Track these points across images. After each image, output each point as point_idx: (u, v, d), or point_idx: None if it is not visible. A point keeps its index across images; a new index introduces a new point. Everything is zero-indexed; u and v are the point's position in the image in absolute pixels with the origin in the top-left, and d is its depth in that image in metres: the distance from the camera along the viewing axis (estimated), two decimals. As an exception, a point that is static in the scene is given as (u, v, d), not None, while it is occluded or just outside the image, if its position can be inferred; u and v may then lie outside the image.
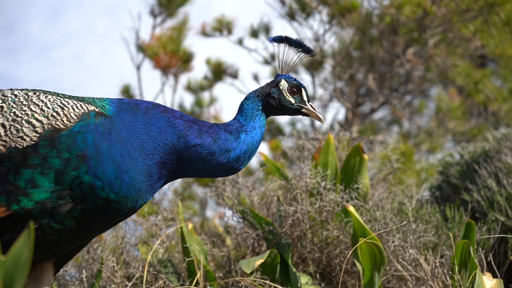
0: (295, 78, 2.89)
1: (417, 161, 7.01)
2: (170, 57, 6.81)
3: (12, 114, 2.46)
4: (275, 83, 2.86)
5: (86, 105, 2.57)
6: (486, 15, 7.07)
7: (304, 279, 3.77)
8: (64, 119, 2.49)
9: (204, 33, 7.00)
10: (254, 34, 6.78)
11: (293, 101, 2.85)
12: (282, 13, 6.76)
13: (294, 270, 3.75)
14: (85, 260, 3.91)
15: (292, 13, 6.71)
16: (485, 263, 3.60)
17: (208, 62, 7.32)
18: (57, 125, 2.47)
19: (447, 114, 8.81)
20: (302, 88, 2.86)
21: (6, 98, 2.51)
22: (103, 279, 3.71)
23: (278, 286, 3.49)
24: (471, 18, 7.13)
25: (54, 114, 2.49)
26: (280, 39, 2.86)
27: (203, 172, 2.74)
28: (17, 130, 2.43)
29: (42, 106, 2.51)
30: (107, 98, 2.69)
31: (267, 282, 3.52)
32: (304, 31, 7.30)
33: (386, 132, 9.15)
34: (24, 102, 2.50)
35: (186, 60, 6.92)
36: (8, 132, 2.43)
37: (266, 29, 6.78)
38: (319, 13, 6.51)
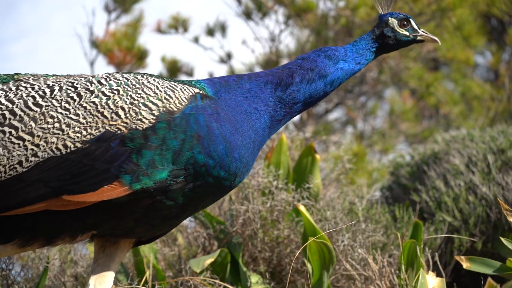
0: (399, 12, 2.98)
1: (369, 162, 7.11)
2: (124, 54, 6.74)
3: (129, 97, 2.57)
4: (384, 24, 2.93)
5: (191, 87, 2.69)
6: (439, 20, 7.22)
7: (254, 278, 3.78)
8: (176, 102, 2.60)
9: (160, 30, 6.95)
10: (210, 32, 6.77)
11: (407, 33, 2.92)
12: (238, 12, 6.77)
13: (245, 269, 3.75)
14: (31, 259, 3.83)
15: (248, 12, 6.72)
16: (431, 263, 3.67)
17: (163, 59, 7.27)
18: (171, 107, 2.58)
19: (400, 116, 8.96)
20: (410, 19, 2.95)
21: (119, 81, 2.62)
22: (49, 279, 3.64)
23: (227, 285, 3.48)
24: (425, 22, 7.26)
25: (167, 97, 2.60)
26: None
27: (309, 101, 2.82)
28: (136, 113, 2.54)
29: (154, 89, 2.61)
30: (199, 80, 2.80)
31: (217, 281, 3.52)
32: (261, 31, 7.32)
33: (340, 132, 9.25)
34: (137, 86, 2.61)
35: (140, 57, 6.85)
36: (128, 115, 2.53)
37: (222, 27, 6.78)
38: (275, 13, 6.53)
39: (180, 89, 2.65)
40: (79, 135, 2.50)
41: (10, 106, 2.56)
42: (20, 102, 2.56)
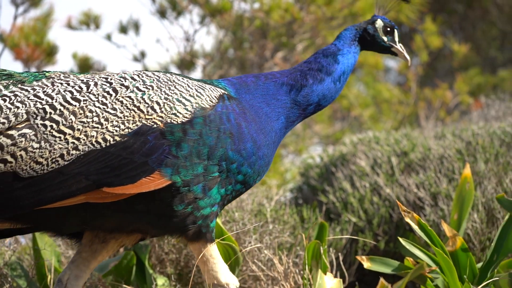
0: (390, 20, 3.16)
1: (282, 163, 7.20)
2: (32, 49, 6.50)
3: (163, 92, 2.66)
4: (371, 21, 3.11)
5: (218, 88, 2.81)
6: (350, 24, 7.39)
7: (160, 280, 3.74)
8: (208, 99, 2.72)
9: (70, 26, 6.75)
10: (123, 30, 6.65)
11: (385, 39, 3.10)
12: (152, 10, 6.68)
13: (151, 271, 3.71)
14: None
15: (162, 11, 6.64)
16: (335, 263, 3.76)
17: (74, 56, 7.07)
18: (203, 104, 2.69)
19: (314, 117, 9.12)
20: (395, 29, 3.14)
21: (151, 78, 2.71)
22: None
23: (132, 288, 3.43)
24: (337, 26, 7.43)
25: (198, 94, 2.71)
26: None
27: (323, 101, 2.99)
28: (170, 108, 2.64)
29: (185, 86, 2.72)
30: (218, 80, 2.91)
31: (122, 284, 3.46)
32: (175, 30, 7.26)
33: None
34: (169, 82, 2.71)
35: (50, 53, 6.63)
36: (163, 109, 2.62)
37: (136, 25, 6.67)
38: (190, 13, 6.50)
39: (209, 88, 2.77)
40: (117, 129, 2.58)
41: (50, 100, 2.60)
42: (58, 97, 2.61)
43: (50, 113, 2.59)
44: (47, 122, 2.57)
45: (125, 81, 2.69)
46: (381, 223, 4.40)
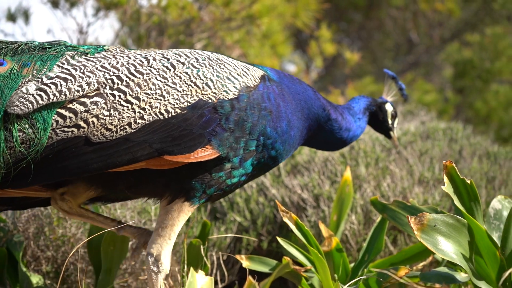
0: (394, 107, 3.55)
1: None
2: None
3: (215, 70, 2.85)
4: (383, 103, 3.51)
5: (259, 69, 3.00)
6: (249, 26, 7.47)
7: (35, 279, 3.60)
8: (252, 79, 2.91)
9: (-46, 10, 6.38)
10: (12, 18, 6.35)
11: (390, 122, 3.50)
12: (44, 0, 6.44)
13: (25, 269, 3.56)
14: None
15: (55, 1, 6.41)
16: (216, 262, 3.78)
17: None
18: (248, 83, 2.88)
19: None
20: (397, 117, 3.55)
21: (203, 56, 2.89)
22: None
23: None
24: (236, 27, 7.48)
25: (244, 74, 2.90)
26: (392, 76, 3.55)
27: (326, 143, 3.31)
28: (222, 85, 2.82)
29: (233, 66, 2.91)
30: (260, 66, 3.08)
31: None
32: (68, 22, 7.03)
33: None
34: (219, 62, 2.90)
35: None
36: (216, 86, 2.81)
37: (26, 14, 6.39)
38: (83, 5, 6.31)
39: (252, 69, 2.96)
40: (178, 101, 2.75)
41: (116, 72, 2.76)
42: (123, 69, 2.77)
43: (118, 83, 2.74)
44: (116, 92, 2.72)
45: (181, 58, 2.86)
46: (265, 223, 4.47)
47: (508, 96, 11.36)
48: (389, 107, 3.51)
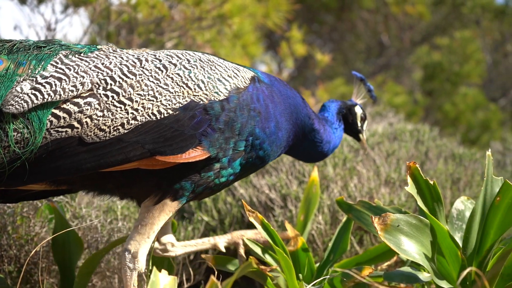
0: (364, 109, 3.58)
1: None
2: None
3: (206, 72, 2.88)
4: (353, 105, 3.54)
5: (250, 71, 3.05)
6: (220, 26, 7.46)
7: (-4, 278, 3.55)
8: (242, 80, 2.95)
9: None
10: (-23, 13, 6.24)
11: (359, 125, 3.54)
12: (12, -5, 6.34)
13: (-14, 269, 3.51)
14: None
15: (23, -3, 6.32)
16: (182, 262, 3.76)
17: None
18: (238, 84, 2.92)
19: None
20: (366, 120, 3.58)
21: (194, 57, 2.92)
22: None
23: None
24: (207, 27, 7.45)
25: (234, 75, 2.94)
26: (360, 78, 3.58)
27: (308, 154, 3.35)
28: (213, 86, 2.86)
29: (224, 67, 2.95)
30: (251, 68, 3.12)
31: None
32: (36, 18, 6.94)
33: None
34: (210, 63, 2.93)
35: None
36: (207, 87, 2.85)
37: (-8, 9, 6.29)
38: (51, 1, 6.24)
39: (243, 70, 3.00)
40: (170, 103, 2.78)
41: (110, 72, 2.78)
42: (116, 70, 2.79)
43: (111, 84, 2.76)
44: (109, 93, 2.75)
45: (172, 59, 2.88)
46: (232, 222, 4.47)
47: (476, 99, 11.54)
48: (358, 110, 3.55)
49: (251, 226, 4.53)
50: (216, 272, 3.52)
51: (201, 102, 2.83)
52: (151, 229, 2.95)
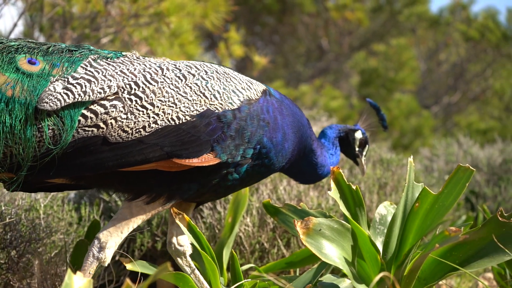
0: (367, 135, 3.70)
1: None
2: None
3: (222, 83, 3.04)
4: (353, 130, 3.69)
5: (262, 85, 3.22)
6: (157, 24, 7.37)
7: None
8: (254, 92, 3.12)
9: None
10: None
11: (357, 149, 3.68)
12: None
13: None
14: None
15: (-51, -15, 6.05)
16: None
17: None
18: (251, 96, 3.10)
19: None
20: (367, 145, 3.71)
21: (211, 69, 3.08)
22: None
23: None
24: (144, 24, 7.35)
25: (247, 87, 3.11)
26: (374, 106, 3.78)
27: (301, 174, 3.51)
28: (228, 97, 3.03)
29: (238, 80, 3.11)
30: (265, 84, 3.28)
31: None
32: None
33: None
34: (226, 75, 3.08)
35: None
36: (222, 98, 3.02)
37: None
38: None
39: (255, 83, 3.17)
40: (188, 110, 2.96)
41: (134, 78, 2.96)
42: (140, 76, 2.97)
43: (135, 89, 2.93)
44: (133, 97, 2.92)
45: (191, 69, 3.04)
46: (160, 223, 4.41)
47: (410, 105, 11.84)
48: (358, 135, 3.69)
49: (179, 227, 4.49)
50: (139, 274, 3.48)
51: (216, 111, 3.00)
52: (127, 226, 3.07)
